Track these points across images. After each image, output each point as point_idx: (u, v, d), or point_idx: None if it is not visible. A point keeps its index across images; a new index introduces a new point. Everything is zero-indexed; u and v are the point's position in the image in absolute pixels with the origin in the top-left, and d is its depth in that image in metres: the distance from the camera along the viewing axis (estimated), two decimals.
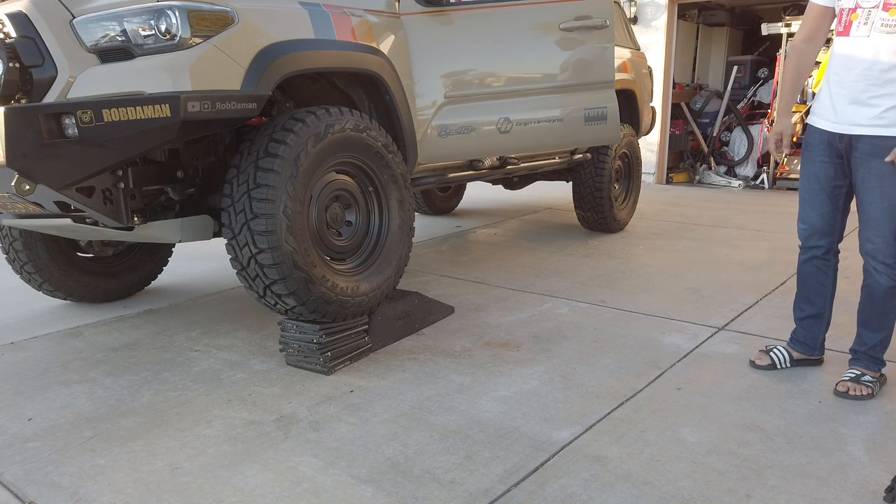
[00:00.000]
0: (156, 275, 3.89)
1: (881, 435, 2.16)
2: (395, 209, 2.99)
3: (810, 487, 1.88)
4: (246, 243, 2.50)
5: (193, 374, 2.71)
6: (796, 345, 2.73)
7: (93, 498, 1.87)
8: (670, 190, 8.35)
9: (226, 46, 2.39)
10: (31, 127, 2.16)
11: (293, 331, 2.74)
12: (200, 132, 2.49)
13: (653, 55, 7.95)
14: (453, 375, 2.64)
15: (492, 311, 3.45)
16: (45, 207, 2.55)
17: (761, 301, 3.60)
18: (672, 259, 4.56)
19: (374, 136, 2.84)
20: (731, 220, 6.07)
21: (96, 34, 2.33)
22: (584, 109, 3.59)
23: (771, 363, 2.71)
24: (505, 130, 3.40)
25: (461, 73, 3.30)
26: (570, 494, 1.85)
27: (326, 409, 2.38)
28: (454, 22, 3.27)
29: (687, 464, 2.00)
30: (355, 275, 2.85)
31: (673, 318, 3.31)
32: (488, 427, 2.23)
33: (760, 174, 8.53)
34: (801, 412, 2.32)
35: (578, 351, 2.89)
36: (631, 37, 5.85)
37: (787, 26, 7.99)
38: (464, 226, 5.88)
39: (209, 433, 2.22)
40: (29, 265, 3.36)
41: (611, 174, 5.10)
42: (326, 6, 2.80)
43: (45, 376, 2.70)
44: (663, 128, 8.69)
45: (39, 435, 2.23)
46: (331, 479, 1.94)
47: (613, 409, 2.35)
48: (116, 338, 3.14)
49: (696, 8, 9.28)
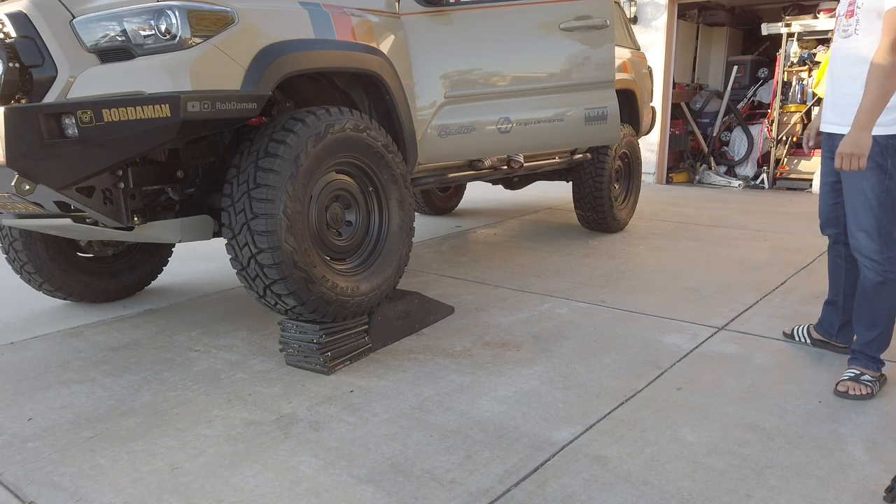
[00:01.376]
0: (156, 275, 3.89)
1: (881, 435, 2.16)
2: (395, 209, 2.99)
3: (810, 487, 1.88)
4: (246, 243, 2.50)
5: (193, 374, 2.71)
6: (818, 325, 2.93)
7: (93, 498, 1.87)
8: (670, 190, 8.34)
9: (226, 46, 2.39)
10: (31, 127, 2.16)
11: (293, 331, 2.74)
12: (200, 132, 2.49)
13: (653, 55, 7.95)
14: (453, 375, 2.64)
15: (492, 311, 3.45)
16: (45, 207, 2.55)
17: (761, 301, 3.60)
18: (672, 259, 4.56)
19: (374, 135, 2.84)
20: (731, 219, 6.07)
21: (96, 34, 2.33)
22: (585, 109, 3.59)
23: (790, 335, 3.00)
24: (505, 130, 3.40)
25: (461, 72, 3.30)
26: (570, 494, 1.85)
27: (326, 409, 2.38)
28: (454, 22, 3.27)
29: (687, 464, 2.00)
30: (355, 275, 2.85)
31: (673, 318, 3.31)
32: (488, 427, 2.23)
33: (760, 174, 8.53)
34: (801, 412, 2.32)
35: (578, 351, 2.89)
36: (631, 37, 5.85)
37: (787, 26, 7.99)
38: (464, 226, 5.88)
39: (209, 433, 2.22)
40: (29, 265, 3.36)
41: (611, 174, 5.10)
42: (326, 6, 2.80)
43: (45, 376, 2.70)
44: (663, 128, 8.69)
45: (39, 435, 2.23)
46: (331, 479, 1.94)
47: (613, 409, 2.35)
48: (116, 338, 3.14)
49: (696, 8, 9.28)
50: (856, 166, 2.29)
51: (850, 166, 2.30)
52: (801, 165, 8.43)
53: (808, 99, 8.13)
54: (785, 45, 8.11)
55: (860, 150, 2.27)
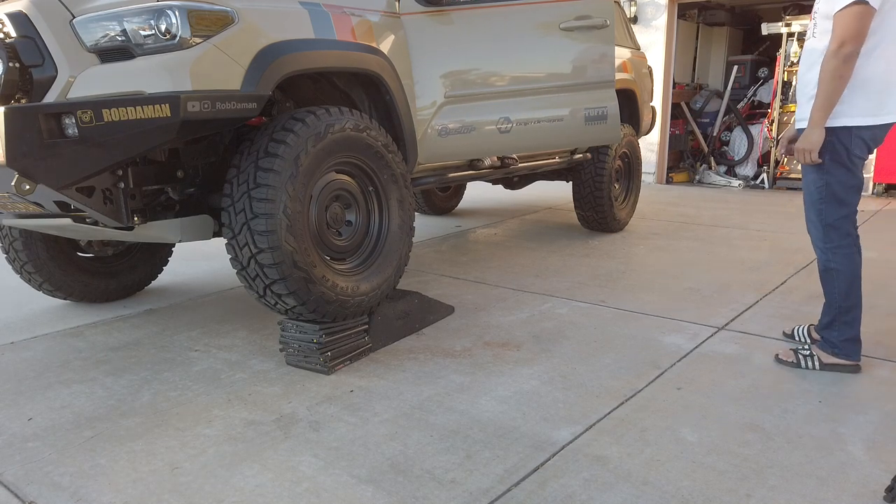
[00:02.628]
0: (156, 275, 3.89)
1: (881, 435, 2.16)
2: (395, 209, 2.99)
3: (810, 487, 1.88)
4: (246, 243, 2.50)
5: (193, 373, 2.71)
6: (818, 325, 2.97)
7: (93, 498, 1.87)
8: (670, 190, 8.35)
9: (226, 46, 2.39)
10: (31, 127, 2.16)
11: (293, 331, 2.74)
12: (200, 132, 2.49)
13: (653, 55, 7.95)
14: (453, 375, 2.64)
15: (492, 310, 3.45)
16: (45, 207, 2.55)
17: (761, 301, 3.60)
18: (672, 259, 4.56)
19: (374, 135, 2.84)
20: (731, 219, 6.07)
21: (96, 34, 2.33)
22: (585, 109, 3.59)
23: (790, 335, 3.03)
24: (505, 130, 3.40)
25: (461, 72, 3.30)
26: (570, 494, 1.85)
27: (326, 408, 2.38)
28: (454, 21, 3.27)
29: (687, 463, 2.00)
30: (355, 274, 2.85)
31: (673, 318, 3.31)
32: (488, 427, 2.23)
33: (760, 174, 8.54)
34: (801, 412, 2.32)
35: (578, 351, 2.89)
36: (631, 36, 5.85)
37: (787, 26, 8.00)
38: (464, 226, 5.88)
39: (209, 433, 2.22)
40: (29, 265, 3.36)
41: (611, 174, 5.10)
42: (326, 6, 2.80)
43: (46, 376, 2.70)
44: (663, 127, 8.69)
45: (39, 435, 2.23)
46: (331, 479, 1.94)
47: (613, 408, 2.35)
48: (116, 338, 3.14)
49: (696, 8, 9.28)
50: (808, 160, 2.51)
51: (804, 160, 2.53)
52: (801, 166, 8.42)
53: None
54: (785, 44, 8.11)
55: (811, 145, 2.47)
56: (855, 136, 2.46)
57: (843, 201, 2.54)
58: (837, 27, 2.35)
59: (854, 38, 2.32)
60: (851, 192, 2.54)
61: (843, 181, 2.52)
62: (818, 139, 2.46)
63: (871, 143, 2.50)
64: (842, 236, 2.57)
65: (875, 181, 7.56)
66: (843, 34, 2.33)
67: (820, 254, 2.66)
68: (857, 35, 2.32)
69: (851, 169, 2.51)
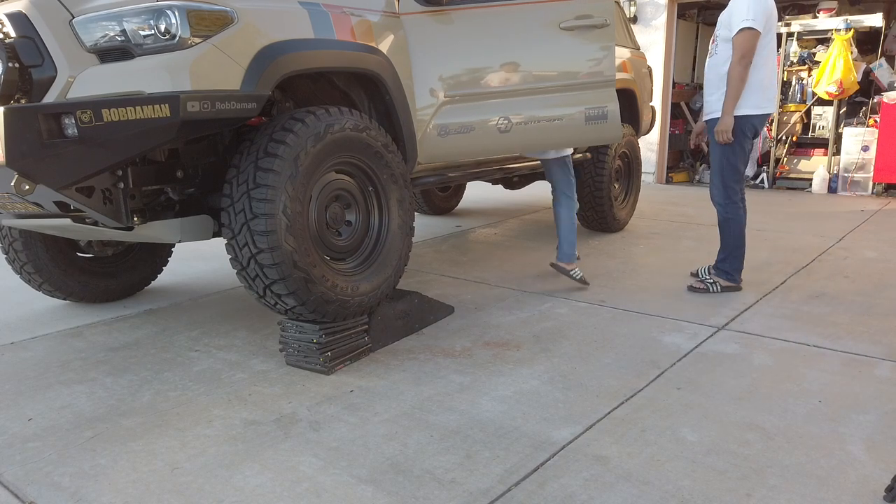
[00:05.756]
0: (156, 275, 3.89)
1: (881, 435, 2.16)
2: (394, 209, 2.99)
3: (810, 487, 1.88)
4: (246, 243, 2.50)
5: (193, 374, 2.71)
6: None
7: (93, 498, 1.87)
8: (670, 189, 8.35)
9: (225, 46, 2.39)
10: (31, 127, 2.16)
11: (293, 331, 2.74)
12: (200, 132, 2.50)
13: (653, 55, 7.95)
14: (453, 375, 2.64)
15: (492, 310, 3.45)
16: (45, 207, 2.55)
17: (761, 300, 3.60)
18: (672, 259, 4.56)
19: (373, 135, 2.84)
20: None
21: (96, 34, 2.33)
22: (585, 109, 3.58)
23: (695, 274, 3.95)
24: (505, 130, 3.40)
25: (461, 72, 3.30)
26: (570, 494, 1.85)
27: (326, 408, 2.38)
28: (454, 21, 3.27)
29: (687, 463, 2.00)
30: (355, 275, 2.85)
31: (673, 318, 3.31)
32: (488, 427, 2.23)
33: (760, 173, 8.53)
34: (801, 412, 2.32)
35: (578, 351, 2.89)
36: (631, 36, 5.85)
37: (787, 26, 7.99)
38: (464, 226, 5.88)
39: (209, 433, 2.22)
40: (29, 265, 3.36)
41: (611, 174, 5.10)
42: (326, 6, 2.80)
43: (46, 376, 2.70)
44: (663, 127, 8.68)
45: (39, 435, 2.22)
46: (331, 479, 1.94)
47: (613, 408, 2.35)
48: (116, 338, 3.14)
49: (696, 8, 9.28)
50: (725, 139, 3.50)
51: (721, 139, 3.51)
52: (800, 165, 8.43)
53: (808, 98, 8.13)
54: (785, 44, 8.11)
55: (727, 127, 3.47)
56: (748, 122, 3.49)
57: (737, 169, 3.59)
58: (737, 45, 3.35)
59: (749, 52, 3.35)
60: (743, 163, 3.61)
61: (738, 154, 3.56)
62: (730, 124, 3.46)
63: (759, 127, 3.57)
64: (735, 193, 3.63)
65: (875, 181, 7.56)
66: (742, 49, 3.34)
67: (720, 209, 3.68)
68: (751, 49, 3.36)
69: (744, 145, 3.56)
